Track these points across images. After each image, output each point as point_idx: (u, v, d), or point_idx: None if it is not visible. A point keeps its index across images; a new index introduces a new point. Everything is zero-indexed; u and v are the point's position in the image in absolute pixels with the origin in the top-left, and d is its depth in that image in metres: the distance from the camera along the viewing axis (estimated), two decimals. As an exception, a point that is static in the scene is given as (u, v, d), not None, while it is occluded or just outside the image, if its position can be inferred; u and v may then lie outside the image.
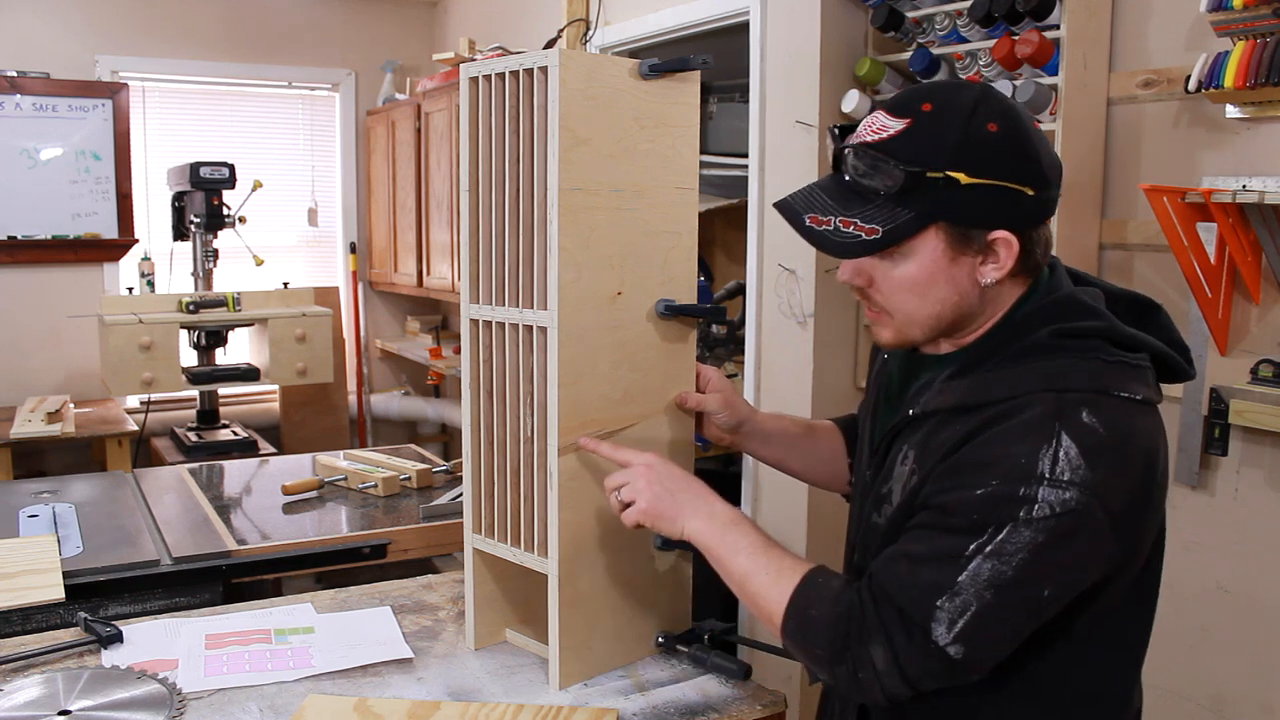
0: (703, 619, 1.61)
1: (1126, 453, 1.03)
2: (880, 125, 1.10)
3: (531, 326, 1.40)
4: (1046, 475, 1.00)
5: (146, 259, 4.60)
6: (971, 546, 1.01)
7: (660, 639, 1.56)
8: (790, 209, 1.15)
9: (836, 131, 1.17)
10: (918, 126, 1.08)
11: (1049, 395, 1.04)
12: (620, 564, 1.49)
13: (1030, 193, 1.08)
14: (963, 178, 1.06)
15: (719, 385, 1.54)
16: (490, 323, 1.47)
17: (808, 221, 1.12)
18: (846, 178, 1.12)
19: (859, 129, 1.13)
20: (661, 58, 1.45)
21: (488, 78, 1.42)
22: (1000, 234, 1.09)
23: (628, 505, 1.31)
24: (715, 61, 1.46)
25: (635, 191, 1.44)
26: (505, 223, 1.43)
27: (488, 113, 1.43)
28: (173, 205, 4.29)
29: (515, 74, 1.38)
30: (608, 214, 1.40)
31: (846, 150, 1.11)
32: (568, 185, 1.34)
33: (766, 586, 1.16)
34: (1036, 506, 0.99)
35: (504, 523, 1.49)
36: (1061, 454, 1.00)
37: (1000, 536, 1.00)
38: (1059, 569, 1.02)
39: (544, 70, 1.33)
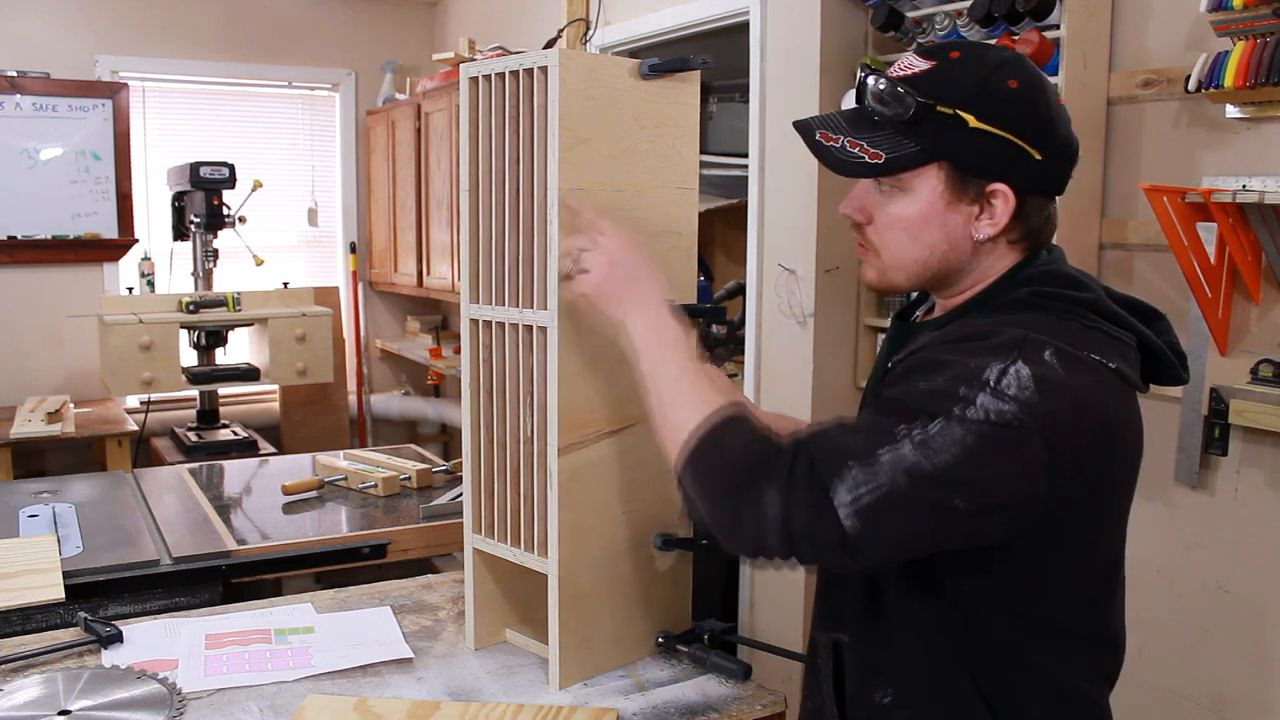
0: (702, 619, 1.61)
1: (1081, 403, 1.02)
2: (907, 64, 1.14)
3: (531, 326, 1.40)
4: (991, 384, 0.99)
5: (146, 259, 4.60)
6: (901, 429, 0.99)
7: (660, 639, 1.56)
8: (805, 126, 1.18)
9: (868, 66, 1.19)
10: (941, 68, 1.11)
11: (1018, 331, 1.04)
12: (620, 564, 1.49)
13: (1038, 156, 1.10)
14: (971, 120, 1.08)
15: None
16: (490, 323, 1.47)
17: (818, 135, 1.15)
18: (865, 105, 1.14)
19: (890, 68, 1.16)
20: (661, 58, 1.45)
21: (487, 78, 1.42)
22: (999, 186, 1.10)
23: (582, 272, 1.28)
24: (715, 61, 1.47)
25: (636, 191, 1.44)
26: (505, 223, 1.43)
27: (488, 113, 1.43)
28: (173, 205, 4.29)
29: (515, 74, 1.38)
30: (610, 215, 1.40)
31: (868, 79, 1.14)
32: (568, 185, 1.34)
33: (685, 404, 1.12)
34: (971, 409, 0.98)
35: (504, 523, 1.49)
36: (1012, 372, 0.99)
37: (932, 428, 0.98)
38: (978, 480, 0.99)
39: (544, 70, 1.33)
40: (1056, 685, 1.13)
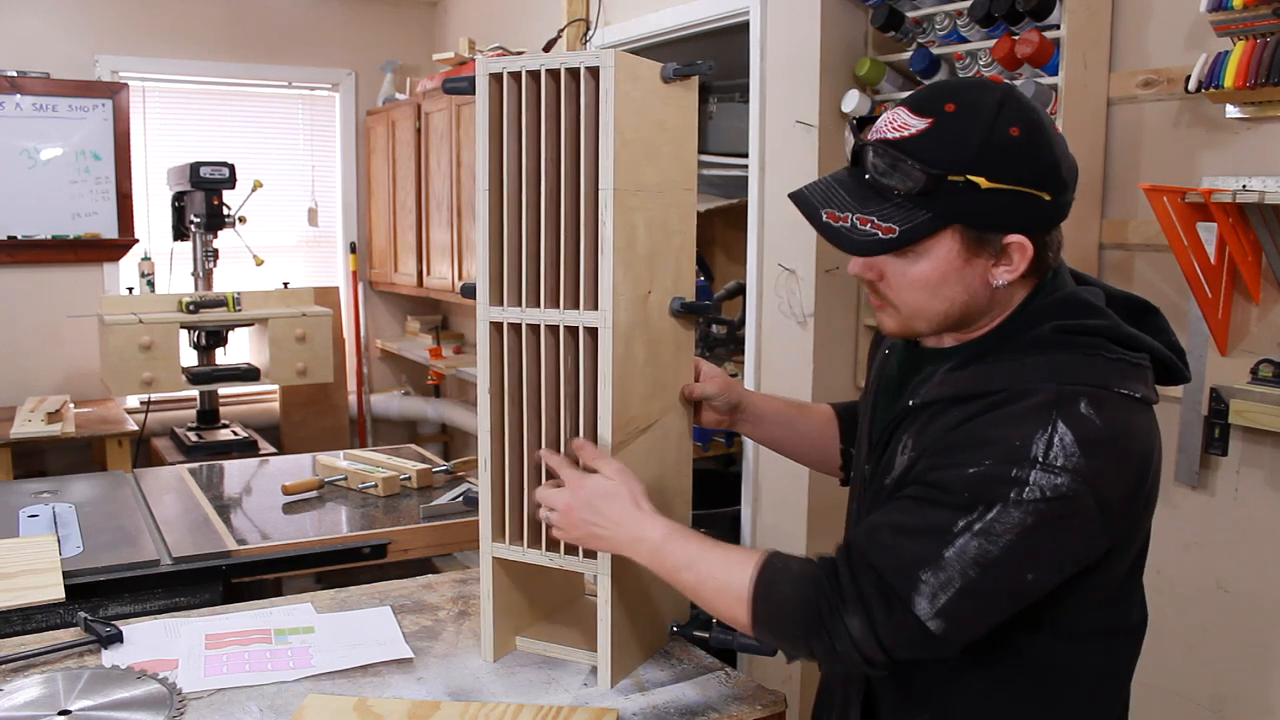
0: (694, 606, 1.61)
1: (1122, 448, 1.04)
2: (902, 123, 1.09)
3: (575, 327, 1.38)
4: (1040, 459, 1.00)
5: (146, 259, 4.60)
6: (961, 523, 1.02)
7: (674, 628, 1.56)
8: (807, 203, 1.14)
9: (855, 124, 1.18)
10: (940, 127, 1.07)
11: (1049, 386, 1.05)
12: None
13: (1047, 198, 1.08)
14: (983, 182, 1.06)
15: (711, 372, 1.58)
16: (519, 325, 1.44)
17: (824, 217, 1.12)
18: (866, 175, 1.11)
19: (879, 124, 1.12)
20: (661, 58, 1.46)
21: (514, 75, 1.39)
22: (1015, 238, 1.09)
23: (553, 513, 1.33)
24: (716, 61, 1.48)
25: (658, 191, 1.45)
26: (542, 224, 1.40)
27: (514, 111, 1.40)
28: (173, 205, 4.29)
29: (554, 72, 1.36)
30: (643, 214, 1.41)
31: (867, 147, 1.11)
32: (620, 185, 1.34)
33: (720, 588, 1.16)
34: (1027, 489, 1.00)
35: (536, 528, 1.47)
36: (1056, 440, 1.01)
37: (990, 515, 1.01)
38: (1044, 554, 1.03)
39: (591, 70, 1.33)
40: (1093, 683, 1.15)
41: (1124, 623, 1.18)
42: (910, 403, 1.16)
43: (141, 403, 4.54)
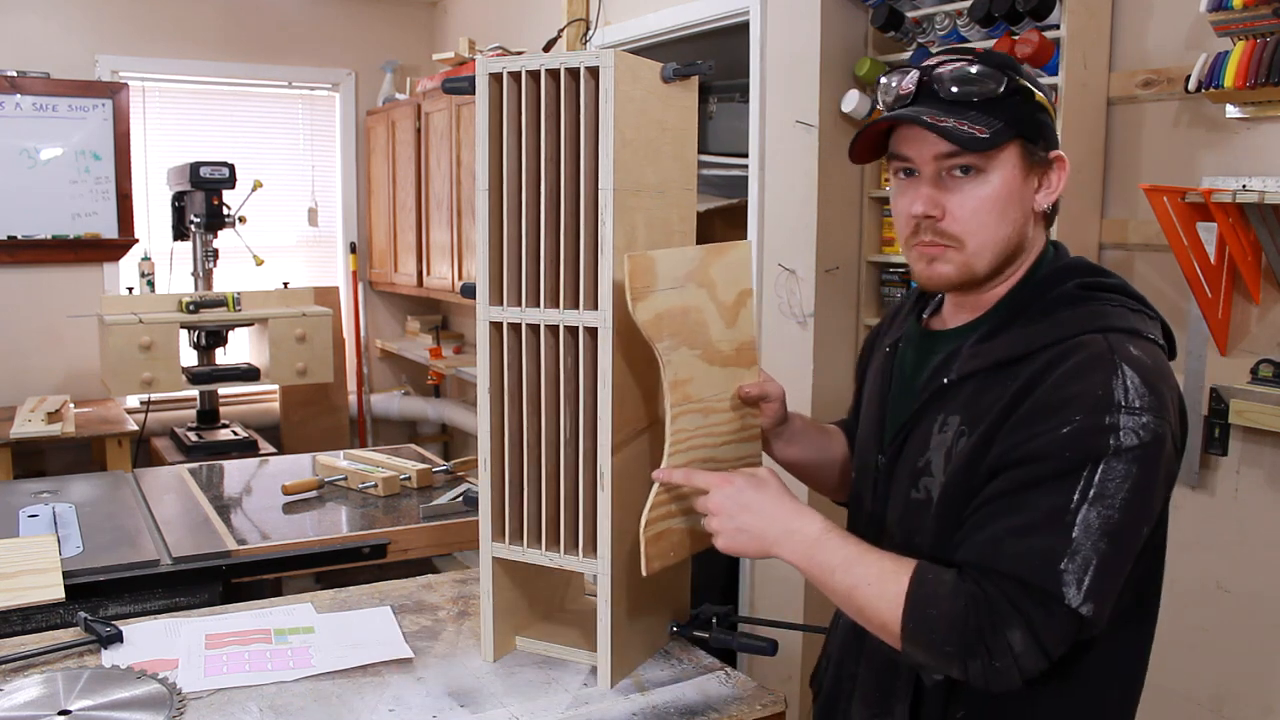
0: (696, 605, 1.61)
1: (1170, 383, 1.09)
2: (954, 59, 1.17)
3: (575, 327, 1.38)
4: (1123, 404, 1.03)
5: (146, 259, 4.60)
6: (1075, 496, 1.02)
7: (674, 628, 1.56)
8: (898, 118, 1.16)
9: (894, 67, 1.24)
10: (982, 55, 1.16)
11: (1096, 335, 1.09)
12: None
13: (1055, 120, 1.18)
14: (1037, 93, 1.15)
15: (771, 381, 1.53)
16: (519, 325, 1.43)
17: (926, 119, 1.13)
18: (941, 95, 1.15)
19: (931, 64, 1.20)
20: (661, 58, 1.46)
21: (514, 75, 1.38)
22: (1058, 153, 1.17)
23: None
24: (715, 61, 1.49)
25: (658, 191, 1.45)
26: (541, 223, 1.40)
27: (515, 111, 1.40)
28: (173, 205, 4.29)
29: (554, 72, 1.36)
30: (645, 214, 1.41)
31: (938, 69, 1.16)
32: (620, 186, 1.34)
33: (873, 597, 1.10)
34: (1122, 433, 1.02)
35: (535, 528, 1.47)
36: (1128, 383, 1.04)
37: (1098, 476, 1.02)
38: (1151, 502, 1.06)
39: (591, 70, 1.33)
40: (1123, 661, 1.16)
41: (1149, 600, 1.19)
42: (945, 380, 1.17)
43: (141, 403, 4.54)
